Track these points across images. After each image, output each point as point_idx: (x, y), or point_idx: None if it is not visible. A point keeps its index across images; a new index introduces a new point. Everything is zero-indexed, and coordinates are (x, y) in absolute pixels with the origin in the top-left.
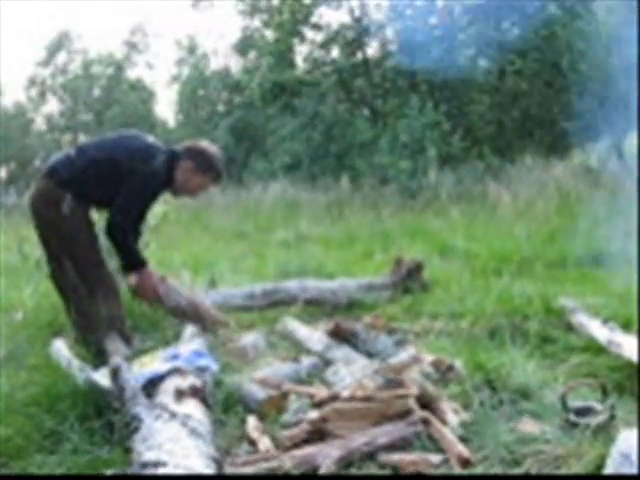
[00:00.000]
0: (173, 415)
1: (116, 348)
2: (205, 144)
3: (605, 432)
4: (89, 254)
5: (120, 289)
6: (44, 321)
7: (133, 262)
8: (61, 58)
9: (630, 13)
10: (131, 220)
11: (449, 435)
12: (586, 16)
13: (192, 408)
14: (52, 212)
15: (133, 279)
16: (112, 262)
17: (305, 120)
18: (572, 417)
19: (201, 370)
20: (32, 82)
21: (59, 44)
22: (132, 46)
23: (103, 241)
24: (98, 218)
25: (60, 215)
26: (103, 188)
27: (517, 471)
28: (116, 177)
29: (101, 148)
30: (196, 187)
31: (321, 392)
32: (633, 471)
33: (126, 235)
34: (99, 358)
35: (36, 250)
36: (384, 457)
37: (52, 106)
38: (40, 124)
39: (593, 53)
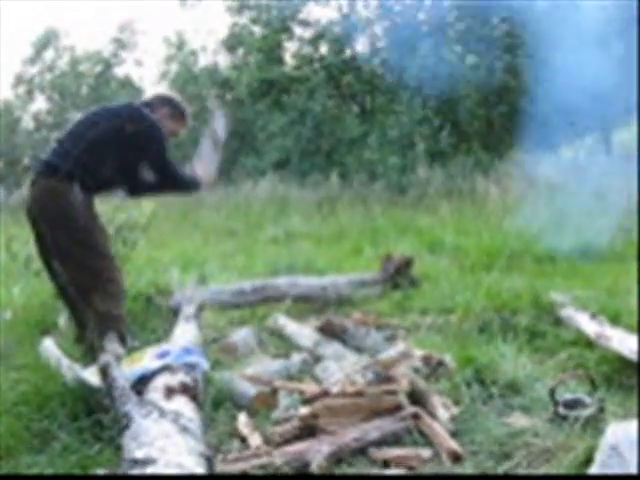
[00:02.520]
0: (163, 412)
1: (112, 347)
2: (169, 92)
3: (594, 425)
4: (100, 246)
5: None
6: (33, 320)
7: (197, 183)
8: (49, 55)
9: (618, 10)
10: (176, 169)
11: (439, 430)
12: (573, 11)
13: (182, 405)
14: (62, 205)
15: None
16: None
17: (294, 117)
18: (561, 410)
19: (191, 367)
20: (19, 80)
21: (46, 41)
22: (120, 43)
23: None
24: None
25: (72, 206)
26: (112, 162)
27: (507, 464)
28: (122, 145)
29: (95, 124)
30: (171, 133)
31: (311, 388)
32: (632, 471)
33: (180, 178)
34: (89, 356)
35: (25, 249)
36: (375, 452)
37: (40, 104)
38: (28, 122)
39: (582, 49)
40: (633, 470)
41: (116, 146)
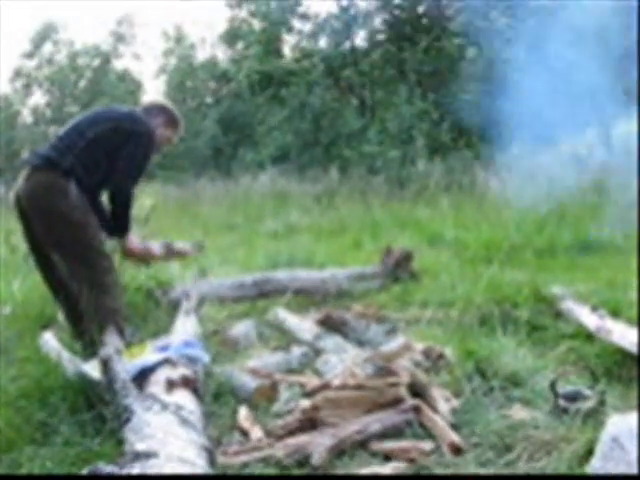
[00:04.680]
0: (164, 406)
1: (112, 341)
2: (163, 100)
3: (595, 417)
4: (96, 241)
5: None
6: (33, 314)
7: (128, 225)
8: (47, 49)
9: (616, 3)
10: (135, 183)
11: (440, 422)
12: (572, 5)
13: (183, 398)
14: (61, 202)
15: (126, 241)
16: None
17: (293, 110)
18: (562, 403)
19: (192, 360)
20: (17, 74)
21: (45, 35)
22: (119, 37)
23: None
24: None
25: (70, 203)
26: (110, 161)
27: (508, 457)
28: (116, 145)
29: (95, 123)
30: (166, 140)
31: (312, 381)
32: (633, 462)
33: (130, 200)
34: (90, 349)
35: (24, 243)
36: (376, 445)
37: (38, 98)
38: (26, 116)
39: (580, 42)
40: (634, 461)
41: (111, 146)
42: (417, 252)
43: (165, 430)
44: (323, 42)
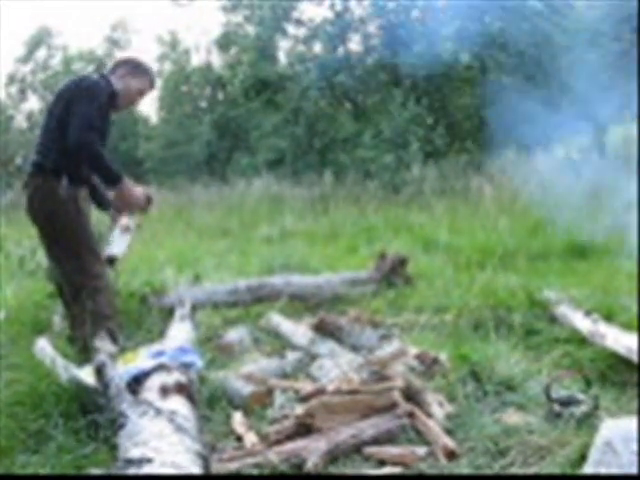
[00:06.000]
0: (158, 412)
1: (103, 346)
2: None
3: (588, 422)
4: (87, 239)
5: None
6: (27, 320)
7: (113, 176)
8: (41, 54)
9: (609, 8)
10: (95, 135)
11: (434, 427)
12: (566, 10)
13: (178, 404)
14: (53, 202)
15: (116, 192)
16: None
17: (288, 115)
18: (556, 407)
19: (186, 366)
20: (12, 79)
21: (39, 40)
22: (113, 42)
23: None
24: None
25: (61, 202)
26: None
27: (502, 462)
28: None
29: (54, 109)
30: (136, 92)
31: (306, 387)
32: (626, 467)
33: (97, 148)
34: (83, 355)
35: (18, 249)
36: (370, 450)
37: (32, 103)
38: (21, 121)
39: (573, 47)
40: (628, 467)
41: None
42: (411, 257)
43: (159, 436)
44: (318, 47)
